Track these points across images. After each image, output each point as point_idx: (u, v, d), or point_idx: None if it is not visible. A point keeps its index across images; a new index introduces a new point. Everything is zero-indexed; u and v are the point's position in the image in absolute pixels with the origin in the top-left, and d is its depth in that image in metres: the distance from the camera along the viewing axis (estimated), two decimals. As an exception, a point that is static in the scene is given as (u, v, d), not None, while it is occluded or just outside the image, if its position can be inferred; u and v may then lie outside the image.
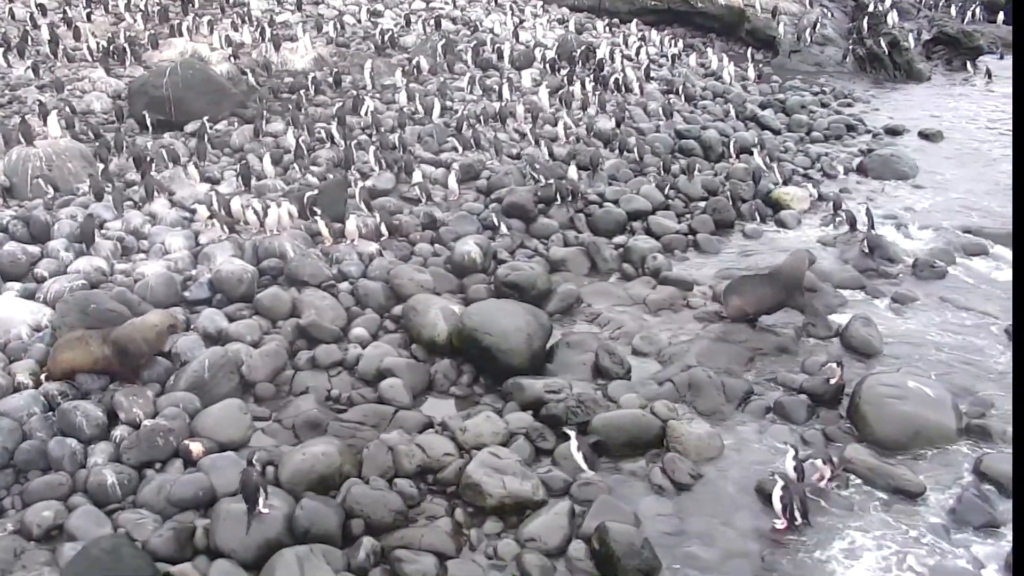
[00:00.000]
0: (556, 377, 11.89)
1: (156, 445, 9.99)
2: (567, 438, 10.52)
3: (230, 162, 17.54)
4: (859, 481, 10.28)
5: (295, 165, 16.89)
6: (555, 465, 10.43)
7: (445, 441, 10.46)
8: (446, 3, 29.44)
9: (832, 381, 11.47)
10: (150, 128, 18.45)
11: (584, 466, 10.01)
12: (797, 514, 9.34)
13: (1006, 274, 15.88)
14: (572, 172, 17.28)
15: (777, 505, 9.35)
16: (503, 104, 20.50)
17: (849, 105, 26.27)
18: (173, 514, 9.24)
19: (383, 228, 14.79)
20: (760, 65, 28.75)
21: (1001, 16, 35.32)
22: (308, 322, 12.45)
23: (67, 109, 18.73)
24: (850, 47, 31.13)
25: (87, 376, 10.85)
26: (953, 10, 35.98)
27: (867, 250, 15.86)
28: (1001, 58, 31.84)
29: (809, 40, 31.24)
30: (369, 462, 9.97)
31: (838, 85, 28.27)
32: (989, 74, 29.03)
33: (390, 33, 25.34)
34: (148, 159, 16.39)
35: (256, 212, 14.34)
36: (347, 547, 8.95)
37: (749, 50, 30.25)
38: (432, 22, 26.26)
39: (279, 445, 10.46)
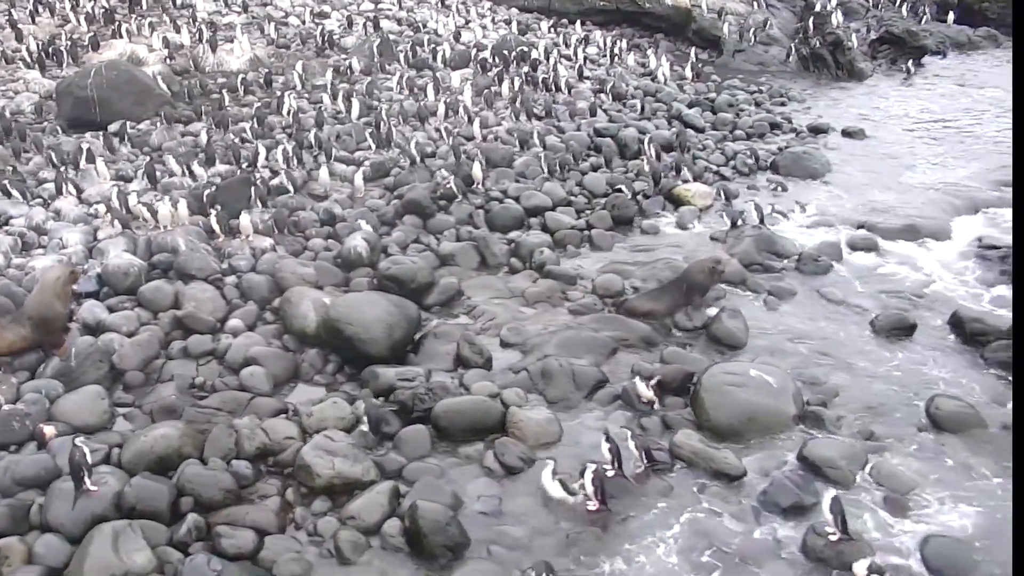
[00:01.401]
0: (416, 366, 12.42)
1: (11, 428, 10.55)
2: (413, 423, 11.19)
3: (147, 160, 18.05)
4: (683, 465, 10.81)
5: (190, 163, 17.37)
6: (395, 448, 10.97)
7: (290, 425, 11.01)
8: (392, 4, 29.91)
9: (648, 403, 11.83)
10: (60, 129, 18.94)
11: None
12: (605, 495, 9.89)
13: (888, 268, 16.44)
14: (476, 169, 17.76)
15: (589, 488, 9.86)
16: (422, 103, 21.00)
17: (783, 104, 26.66)
18: (16, 492, 9.77)
19: (273, 224, 15.28)
20: (700, 65, 29.17)
21: (951, 16, 35.76)
22: (184, 313, 13.00)
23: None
24: (793, 47, 31.54)
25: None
26: (904, 10, 36.43)
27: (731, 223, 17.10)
28: (943, 57, 32.26)
29: (753, 40, 31.67)
30: (211, 444, 10.50)
31: (778, 84, 28.64)
32: (908, 72, 29.47)
33: (329, 34, 25.84)
34: (62, 158, 16.92)
35: (150, 208, 14.86)
36: (175, 523, 9.50)
37: (693, 50, 30.66)
38: (371, 23, 26.77)
39: (135, 430, 11.00)
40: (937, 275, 16.22)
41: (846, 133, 23.91)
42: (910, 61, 30.46)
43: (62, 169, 16.70)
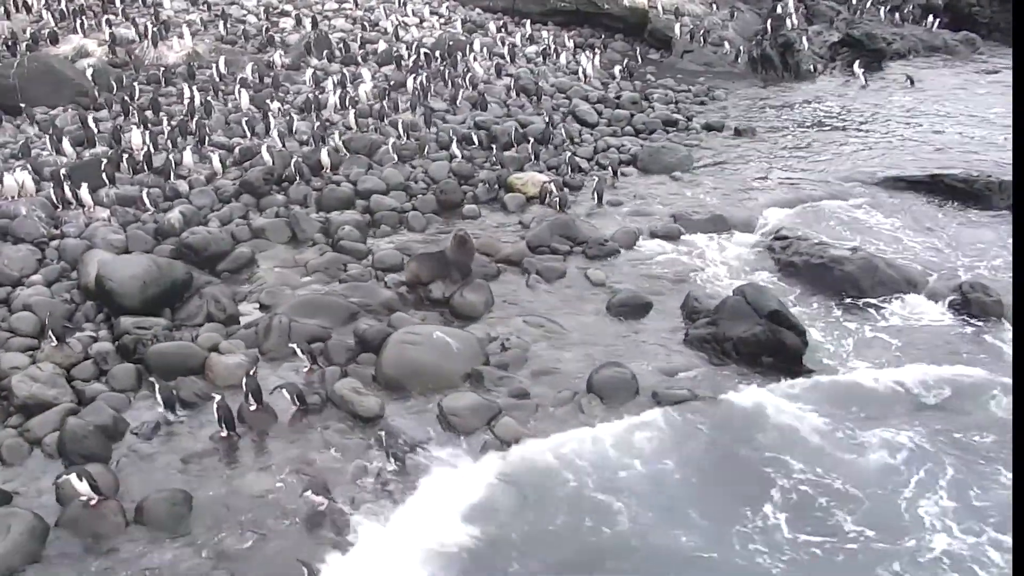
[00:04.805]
0: (161, 318, 14.50)
1: None
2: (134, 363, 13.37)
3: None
4: (334, 408, 12.61)
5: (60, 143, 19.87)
6: (107, 382, 13.09)
7: (23, 359, 13.23)
8: (351, 4, 32.11)
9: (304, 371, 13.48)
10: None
11: None
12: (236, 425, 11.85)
13: (672, 256, 17.64)
14: (323, 155, 19.73)
15: (215, 416, 11.80)
16: (309, 95, 23.15)
17: (702, 103, 27.76)
18: None
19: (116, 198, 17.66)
20: (639, 64, 30.40)
21: (931, 19, 35.74)
22: (-11, 269, 15.44)
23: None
24: (743, 48, 32.36)
25: None
26: (883, 13, 36.57)
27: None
28: (907, 61, 32.27)
29: (703, 41, 32.61)
30: (-57, 373, 12.85)
31: (712, 84, 29.58)
32: (855, 75, 29.89)
33: (271, 31, 28.24)
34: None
35: (-1, 180, 17.45)
36: None
37: (638, 49, 31.93)
38: (309, 21, 29.05)
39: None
40: (714, 262, 17.42)
41: (738, 132, 24.89)
42: (856, 63, 30.80)
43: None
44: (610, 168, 21.30)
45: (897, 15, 36.20)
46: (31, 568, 9.83)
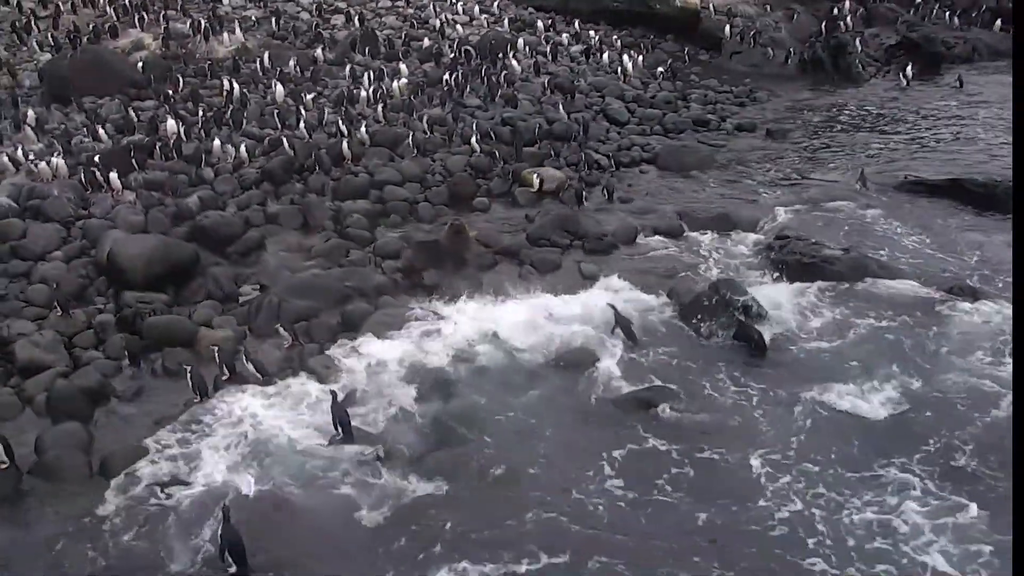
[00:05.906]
0: (164, 295, 15.46)
1: None
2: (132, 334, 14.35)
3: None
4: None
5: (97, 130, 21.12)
6: (103, 351, 14.09)
7: (31, 326, 14.32)
8: (406, 3, 33.01)
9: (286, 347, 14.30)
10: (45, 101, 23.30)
11: None
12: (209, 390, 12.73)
13: (669, 252, 17.92)
14: (344, 147, 20.54)
15: (189, 383, 12.65)
16: (341, 89, 24.05)
17: (741, 104, 27.74)
18: None
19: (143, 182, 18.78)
20: (675, 63, 30.41)
21: (999, 23, 34.90)
22: (18, 244, 16.57)
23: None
24: (793, 50, 32.10)
25: None
26: (948, 16, 35.75)
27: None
28: (970, 65, 31.51)
29: (753, 43, 32.43)
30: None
31: (757, 86, 29.46)
32: (905, 78, 29.45)
33: (318, 28, 29.32)
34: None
35: (35, 164, 18.66)
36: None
37: (687, 50, 31.99)
38: (357, 18, 30.03)
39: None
40: (709, 259, 17.59)
41: (769, 133, 24.85)
42: (908, 67, 30.26)
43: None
44: (612, 164, 21.68)
45: (957, 19, 35.31)
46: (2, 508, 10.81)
